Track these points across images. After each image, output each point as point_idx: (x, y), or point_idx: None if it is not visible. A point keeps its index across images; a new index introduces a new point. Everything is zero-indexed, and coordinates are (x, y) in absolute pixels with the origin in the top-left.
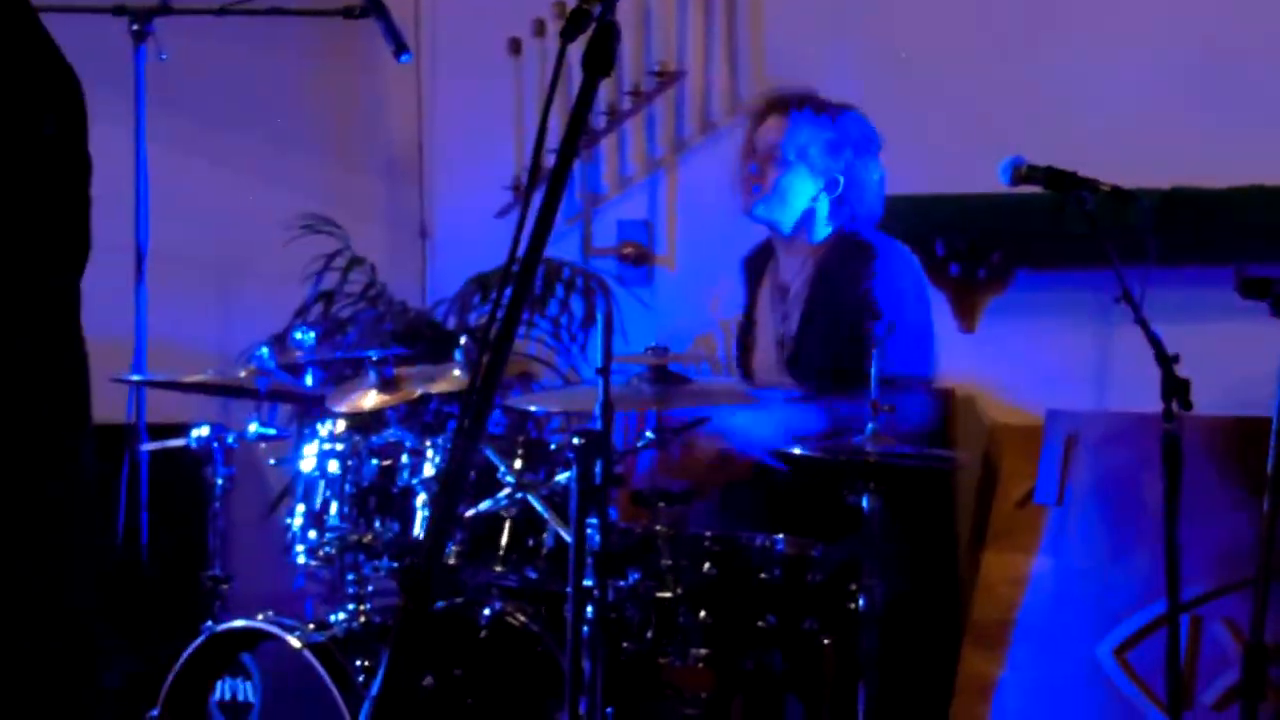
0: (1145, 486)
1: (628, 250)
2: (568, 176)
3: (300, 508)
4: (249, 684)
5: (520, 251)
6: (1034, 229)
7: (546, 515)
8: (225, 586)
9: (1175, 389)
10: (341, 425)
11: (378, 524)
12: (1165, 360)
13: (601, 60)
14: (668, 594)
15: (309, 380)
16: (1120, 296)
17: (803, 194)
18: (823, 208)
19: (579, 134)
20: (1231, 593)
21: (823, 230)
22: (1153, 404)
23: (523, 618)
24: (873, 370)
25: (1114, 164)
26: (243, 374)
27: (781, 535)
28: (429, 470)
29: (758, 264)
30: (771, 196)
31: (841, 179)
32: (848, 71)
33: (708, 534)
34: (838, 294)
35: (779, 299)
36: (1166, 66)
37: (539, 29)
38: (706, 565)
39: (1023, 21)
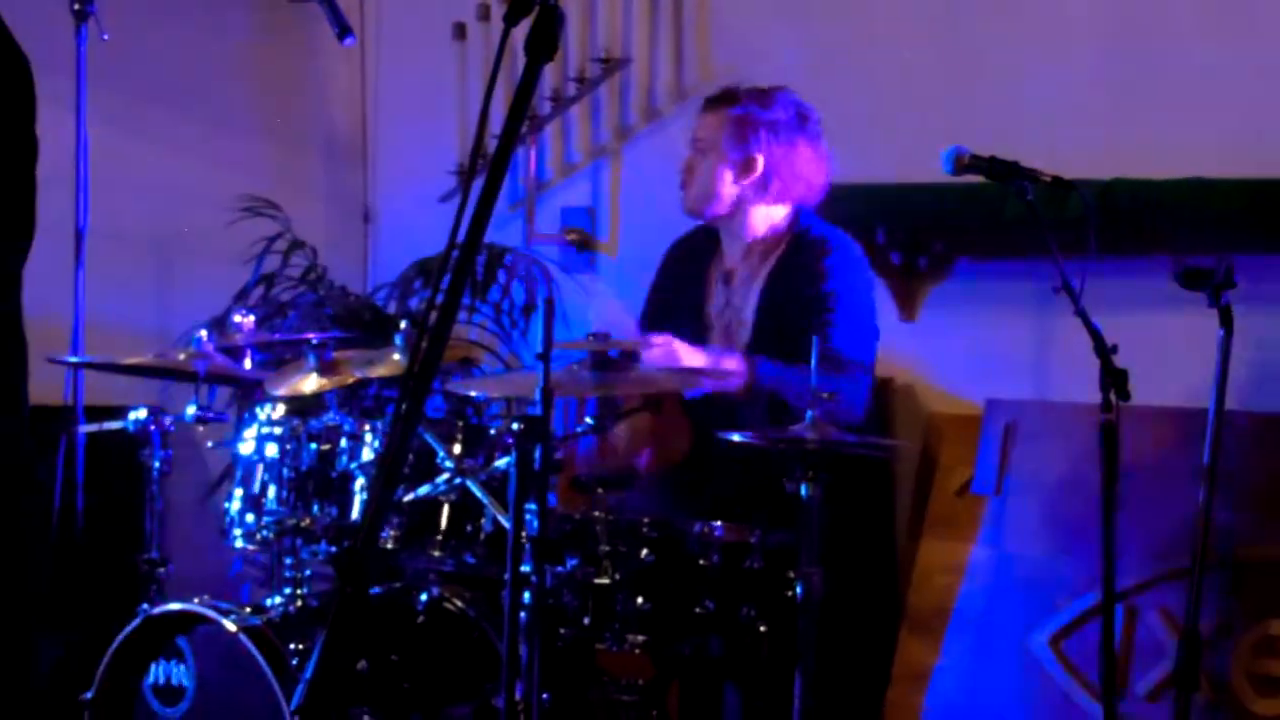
0: (1083, 476)
1: (571, 236)
2: (509, 162)
3: (238, 491)
4: (183, 667)
5: (460, 237)
6: (976, 219)
7: (485, 501)
8: (162, 569)
9: (1113, 379)
10: (280, 409)
11: (316, 508)
12: (1104, 351)
13: (545, 44)
14: (605, 580)
15: (248, 363)
16: (1060, 287)
17: (723, 180)
18: (748, 192)
19: (521, 119)
20: (1167, 583)
21: (758, 217)
22: (1091, 394)
23: (460, 603)
24: (813, 358)
25: (1055, 155)
26: (181, 356)
27: (720, 522)
28: (368, 454)
29: (688, 249)
30: (694, 189)
31: (759, 159)
32: (793, 59)
33: (646, 520)
34: (795, 294)
35: (723, 285)
36: (1108, 58)
37: (483, 13)
38: (644, 551)
39: (968, 13)
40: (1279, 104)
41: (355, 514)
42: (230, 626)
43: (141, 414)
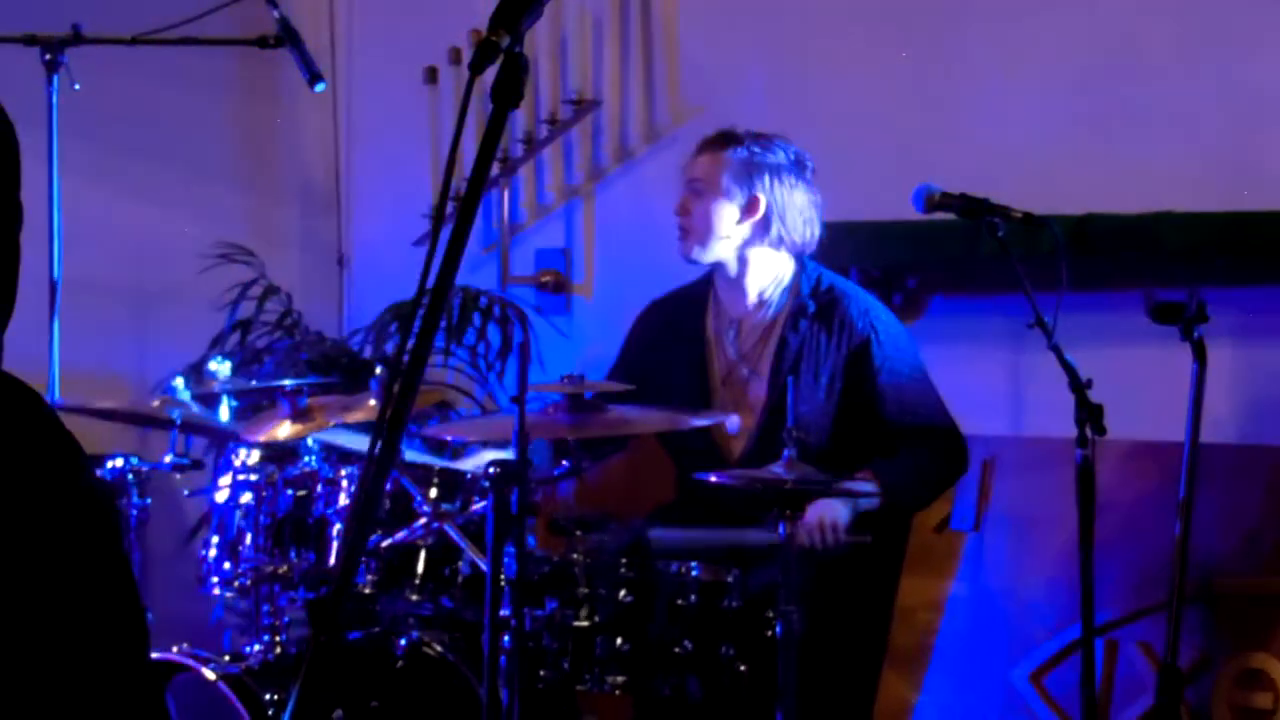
0: (1060, 511)
1: (545, 279)
2: (477, 206)
3: (215, 538)
4: None
5: (430, 282)
6: (948, 256)
7: (463, 544)
8: None
9: (1088, 414)
10: (256, 455)
11: (293, 555)
12: (1078, 385)
13: (510, 92)
14: (585, 622)
15: (224, 410)
16: (1033, 322)
17: (725, 221)
18: (749, 233)
19: (487, 169)
20: (1146, 616)
21: (761, 261)
22: (1067, 429)
23: (439, 647)
24: (789, 399)
25: (1027, 191)
26: (157, 404)
27: (697, 561)
28: (344, 500)
29: (669, 312)
30: (694, 231)
31: (762, 199)
32: (764, 99)
33: (624, 561)
34: (839, 360)
35: (731, 337)
36: (1078, 94)
37: (455, 57)
38: (623, 592)
39: (937, 49)
40: (1248, 137)
41: (333, 560)
42: (209, 675)
43: (118, 462)
